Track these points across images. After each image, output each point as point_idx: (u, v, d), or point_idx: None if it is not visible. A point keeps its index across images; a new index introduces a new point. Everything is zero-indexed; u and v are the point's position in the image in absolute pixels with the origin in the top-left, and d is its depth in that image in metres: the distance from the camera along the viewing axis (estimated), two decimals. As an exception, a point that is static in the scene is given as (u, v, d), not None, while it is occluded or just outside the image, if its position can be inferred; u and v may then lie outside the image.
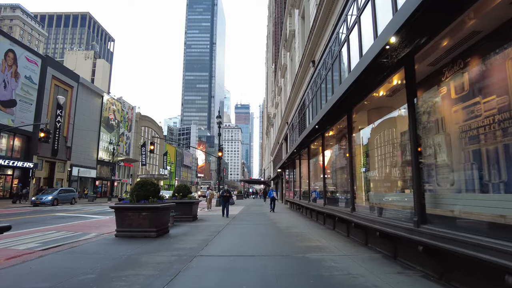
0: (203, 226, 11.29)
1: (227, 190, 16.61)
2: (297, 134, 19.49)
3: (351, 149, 7.70)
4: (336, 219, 8.69)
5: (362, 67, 4.91)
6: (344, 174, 9.51)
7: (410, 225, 4.52)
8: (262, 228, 10.95)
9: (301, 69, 16.52)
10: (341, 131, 10.17)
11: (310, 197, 13.65)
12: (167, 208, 9.46)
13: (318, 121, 9.28)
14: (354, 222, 7.12)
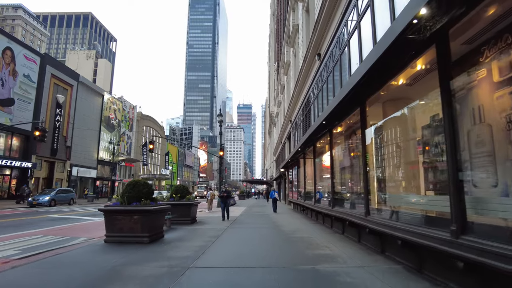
0: (202, 230, 10.52)
1: (226, 190, 15.49)
2: (301, 133, 18.69)
3: (364, 146, 6.89)
4: (347, 223, 7.89)
5: (385, 44, 4.11)
6: (354, 174, 8.71)
7: (446, 235, 3.72)
8: (265, 232, 10.16)
9: (306, 63, 15.71)
10: (351, 127, 9.37)
11: (315, 198, 12.85)
12: (161, 211, 8.69)
13: (326, 116, 8.48)
14: (368, 228, 6.32)
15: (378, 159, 6.97)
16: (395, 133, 6.45)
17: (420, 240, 4.23)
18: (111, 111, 52.73)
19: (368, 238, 7.00)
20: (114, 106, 53.73)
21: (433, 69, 4.89)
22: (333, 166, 9.81)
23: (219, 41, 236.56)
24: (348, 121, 8.98)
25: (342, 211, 8.44)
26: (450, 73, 3.87)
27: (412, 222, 4.99)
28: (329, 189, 11.57)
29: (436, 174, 4.67)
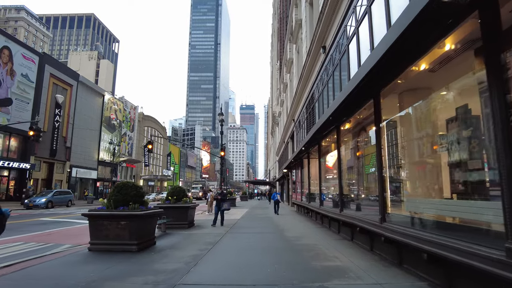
0: (198, 236, 9.72)
1: (222, 192, 13.28)
2: (304, 131, 17.86)
3: (379, 143, 6.07)
4: (358, 229, 7.06)
5: (410, 16, 3.30)
6: (365, 175, 7.88)
7: (496, 254, 2.89)
8: (267, 238, 9.34)
9: (310, 58, 14.89)
10: (360, 124, 8.54)
11: (320, 200, 12.01)
12: (151, 216, 7.91)
13: (334, 112, 7.65)
14: (384, 236, 5.49)
15: (395, 158, 6.15)
16: (415, 128, 5.63)
17: (457, 256, 3.41)
18: (112, 111, 52.17)
19: (382, 247, 6.18)
20: (115, 106, 53.17)
21: (466, 48, 4.08)
22: (340, 166, 8.98)
23: (222, 41, 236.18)
24: (358, 116, 8.16)
25: (352, 216, 7.61)
26: (498, 48, 3.05)
27: (440, 232, 4.16)
28: (335, 190, 10.74)
29: (470, 175, 3.84)
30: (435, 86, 5.16)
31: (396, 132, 6.36)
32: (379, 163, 5.96)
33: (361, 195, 8.35)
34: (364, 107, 7.38)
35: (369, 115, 7.90)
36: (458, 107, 4.55)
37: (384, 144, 6.26)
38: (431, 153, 5.20)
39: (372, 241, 6.89)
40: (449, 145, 4.61)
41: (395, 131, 6.37)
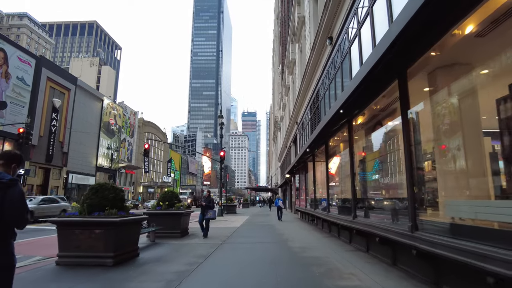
0: (190, 246, 8.54)
1: (208, 197, 10.89)
2: (308, 133, 16.75)
3: (408, 135, 4.92)
4: (377, 239, 5.87)
5: None
6: (385, 175, 6.73)
7: None
8: (269, 249, 8.14)
9: (314, 53, 13.86)
10: (376, 117, 7.42)
11: (328, 206, 10.81)
12: (133, 223, 6.76)
13: (346, 100, 6.54)
14: (417, 248, 4.32)
15: (426, 152, 5.00)
16: (454, 114, 4.49)
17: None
18: (111, 116, 51.32)
19: (410, 262, 5.00)
20: (114, 111, 52.34)
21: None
22: (353, 167, 7.82)
23: (223, 49, 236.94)
24: (374, 106, 7.03)
25: (369, 224, 6.42)
26: None
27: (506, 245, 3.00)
28: (345, 195, 9.56)
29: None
30: (480, 58, 4.06)
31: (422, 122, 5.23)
32: (408, 159, 4.80)
33: (377, 200, 7.19)
34: (384, 94, 6.26)
35: (387, 105, 6.80)
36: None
37: (411, 136, 5.11)
38: (476, 144, 4.07)
39: (395, 253, 5.70)
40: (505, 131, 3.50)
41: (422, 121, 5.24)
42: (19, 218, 2.47)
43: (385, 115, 7.17)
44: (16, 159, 2.65)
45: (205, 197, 10.95)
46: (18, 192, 2.44)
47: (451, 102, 4.50)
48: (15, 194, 2.42)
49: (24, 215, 2.52)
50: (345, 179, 9.35)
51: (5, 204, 2.38)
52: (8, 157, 2.62)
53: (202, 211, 10.58)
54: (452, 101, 4.48)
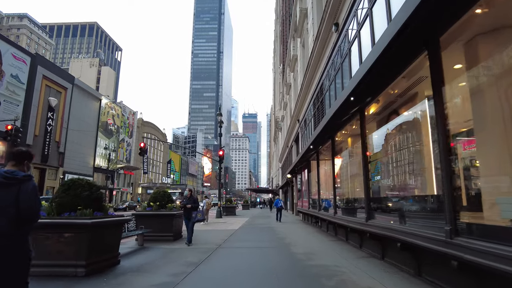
0: (181, 252, 7.60)
1: (191, 197, 9.21)
2: (311, 129, 15.84)
3: (443, 120, 3.98)
4: (398, 245, 4.94)
5: None
6: (406, 172, 5.81)
7: None
8: (270, 256, 7.19)
9: (318, 42, 12.97)
10: (392, 104, 6.50)
11: (335, 207, 9.84)
12: (112, 226, 5.84)
13: (358, 85, 5.64)
14: (459, 259, 3.39)
15: (462, 141, 4.07)
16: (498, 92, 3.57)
17: None
18: (109, 116, 50.49)
19: (443, 274, 4.07)
20: (112, 111, 51.51)
21: None
22: (366, 162, 6.88)
23: (224, 50, 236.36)
24: (391, 91, 6.11)
25: (388, 227, 5.48)
26: None
27: None
28: (355, 194, 8.62)
29: None
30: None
31: (456, 104, 4.30)
32: (445, 150, 3.85)
33: (394, 200, 6.25)
34: (403, 75, 5.34)
35: (406, 89, 5.88)
36: None
37: (447, 121, 4.18)
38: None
39: (420, 262, 4.77)
40: None
41: (457, 103, 4.31)
42: (33, 212, 2.62)
43: (402, 102, 6.25)
44: (26, 155, 2.84)
45: (187, 198, 9.24)
46: (32, 187, 2.61)
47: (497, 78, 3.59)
48: (29, 189, 2.59)
49: (38, 210, 2.68)
50: (355, 177, 8.42)
51: (20, 198, 2.52)
52: (18, 155, 2.78)
53: (186, 214, 8.92)
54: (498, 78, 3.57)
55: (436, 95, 4.07)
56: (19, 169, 2.73)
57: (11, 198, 2.54)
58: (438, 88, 4.04)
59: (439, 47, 4.05)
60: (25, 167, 2.82)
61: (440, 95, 4.00)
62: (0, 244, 2.45)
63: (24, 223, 2.58)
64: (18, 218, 2.52)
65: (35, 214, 2.66)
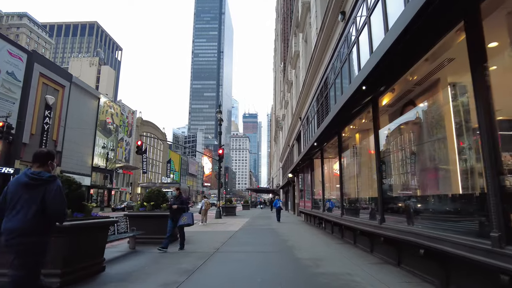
0: (175, 256, 6.93)
1: (179, 196, 8.14)
2: (314, 127, 15.18)
3: (486, 102, 3.30)
4: (422, 251, 4.28)
5: None
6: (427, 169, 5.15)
7: None
8: (273, 262, 6.52)
9: (322, 35, 12.32)
10: (409, 93, 5.83)
11: (343, 208, 9.15)
12: (95, 229, 5.18)
13: (373, 69, 4.98)
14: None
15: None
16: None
17: None
18: (108, 115, 49.84)
19: (477, 285, 3.41)
20: (111, 110, 50.87)
21: None
22: (379, 158, 6.20)
23: (224, 50, 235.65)
24: (410, 77, 5.44)
25: (408, 230, 4.80)
26: None
27: None
28: (365, 193, 7.95)
29: None
30: None
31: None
32: (490, 141, 3.18)
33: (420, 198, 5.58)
34: (426, 57, 4.67)
35: (427, 75, 5.21)
36: None
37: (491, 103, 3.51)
38: None
39: (449, 272, 4.10)
40: None
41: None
42: (60, 212, 2.77)
43: (420, 91, 5.59)
44: (50, 156, 2.96)
45: (174, 197, 8.12)
46: (57, 188, 2.78)
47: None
48: (55, 189, 2.75)
49: (64, 209, 2.82)
50: (364, 175, 7.75)
51: (46, 199, 2.67)
52: (41, 157, 2.91)
53: (172, 216, 7.75)
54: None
55: (476, 75, 3.40)
56: (44, 170, 2.85)
57: (38, 198, 2.64)
58: (478, 67, 3.37)
59: (479, 15, 3.38)
60: (50, 167, 2.93)
61: (482, 75, 3.33)
62: (26, 242, 2.57)
63: (50, 223, 2.71)
64: (44, 218, 2.64)
65: (61, 214, 2.78)
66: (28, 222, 2.58)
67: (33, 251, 2.61)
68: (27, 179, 2.72)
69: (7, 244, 2.59)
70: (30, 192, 2.66)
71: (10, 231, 2.58)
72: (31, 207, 2.61)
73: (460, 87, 4.61)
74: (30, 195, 2.64)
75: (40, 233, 2.65)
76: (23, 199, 2.63)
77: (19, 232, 2.57)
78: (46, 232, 2.73)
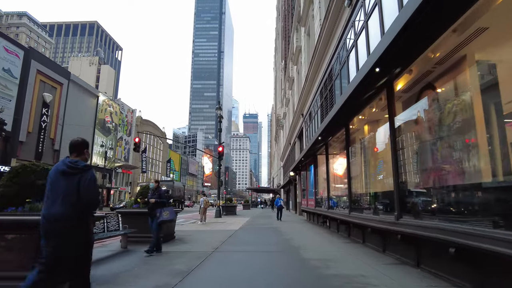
0: (169, 257, 6.33)
1: (157, 189, 7.09)
2: (317, 122, 14.60)
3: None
4: (453, 250, 3.69)
5: None
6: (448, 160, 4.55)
7: None
8: (277, 263, 5.92)
9: (327, 23, 11.74)
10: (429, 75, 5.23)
11: (350, 206, 8.53)
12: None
13: (389, 46, 4.41)
14: None
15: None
16: None
17: None
18: (107, 113, 49.27)
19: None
20: (110, 108, 50.29)
21: None
22: (395, 148, 5.60)
23: (225, 50, 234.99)
24: (432, 54, 4.84)
25: (435, 226, 4.20)
26: None
27: None
28: (376, 188, 7.35)
29: None
30: None
31: None
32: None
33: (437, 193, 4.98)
34: (453, 27, 4.08)
35: (453, 51, 4.60)
36: None
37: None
38: None
39: (483, 273, 3.51)
40: None
41: None
42: (94, 200, 2.90)
43: (441, 71, 5.00)
44: (84, 144, 3.11)
45: (152, 190, 7.09)
46: (92, 177, 2.89)
47: None
48: (88, 178, 2.85)
49: (97, 198, 2.97)
50: (374, 169, 7.15)
51: (81, 187, 2.80)
52: (77, 146, 3.05)
53: (151, 211, 6.76)
54: None
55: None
56: (81, 159, 2.98)
57: (74, 186, 2.77)
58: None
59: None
60: (86, 155, 3.08)
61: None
62: (66, 227, 2.73)
63: (84, 210, 2.82)
64: (80, 204, 2.77)
65: (93, 202, 2.89)
66: (69, 208, 2.73)
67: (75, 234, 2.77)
68: (64, 167, 2.85)
69: (51, 227, 2.75)
70: (68, 180, 2.79)
71: (54, 216, 2.73)
72: (71, 195, 2.75)
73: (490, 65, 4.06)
74: (68, 182, 2.78)
75: (79, 218, 2.79)
76: (63, 186, 2.78)
77: (62, 217, 2.72)
78: (85, 217, 2.85)
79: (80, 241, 2.82)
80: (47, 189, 2.86)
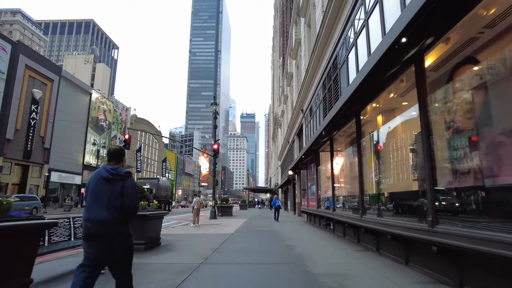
0: (147, 271, 5.16)
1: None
2: (320, 117, 13.51)
3: None
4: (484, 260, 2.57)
5: None
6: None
7: None
8: (277, 281, 4.80)
9: (332, 4, 10.61)
10: (473, 42, 4.12)
11: (363, 208, 7.41)
12: (11, 236, 3.42)
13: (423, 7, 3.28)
14: None
15: None
16: None
17: None
18: (100, 111, 47.92)
19: None
20: (103, 106, 48.95)
21: None
22: (428, 137, 4.48)
23: (222, 49, 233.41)
24: (484, 11, 3.73)
25: (500, 240, 3.10)
26: None
27: None
28: (399, 187, 6.22)
29: None
30: None
31: None
32: None
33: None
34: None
35: (505, 11, 3.51)
36: None
37: None
38: None
39: None
40: None
41: None
42: (136, 205, 3.06)
43: (491, 36, 3.90)
44: (122, 152, 3.27)
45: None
46: (131, 183, 3.04)
47: None
48: (130, 184, 3.00)
49: (137, 204, 3.16)
50: (397, 163, 6.04)
51: (123, 193, 2.93)
52: (116, 154, 3.19)
53: None
54: None
55: None
56: (120, 165, 3.16)
57: (117, 192, 2.93)
58: None
59: None
60: (124, 162, 3.28)
61: None
62: (112, 229, 2.87)
63: (126, 214, 2.94)
64: (123, 208, 2.90)
65: (136, 206, 3.07)
66: (113, 212, 2.85)
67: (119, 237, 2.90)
68: (108, 174, 2.97)
69: (97, 230, 2.83)
70: (111, 186, 2.93)
71: (100, 220, 2.83)
72: (115, 200, 2.87)
73: None
74: (111, 188, 2.92)
75: (123, 221, 2.92)
76: (108, 192, 2.90)
77: (108, 221, 2.83)
78: (127, 222, 2.99)
79: (123, 243, 2.92)
80: (89, 194, 2.94)
